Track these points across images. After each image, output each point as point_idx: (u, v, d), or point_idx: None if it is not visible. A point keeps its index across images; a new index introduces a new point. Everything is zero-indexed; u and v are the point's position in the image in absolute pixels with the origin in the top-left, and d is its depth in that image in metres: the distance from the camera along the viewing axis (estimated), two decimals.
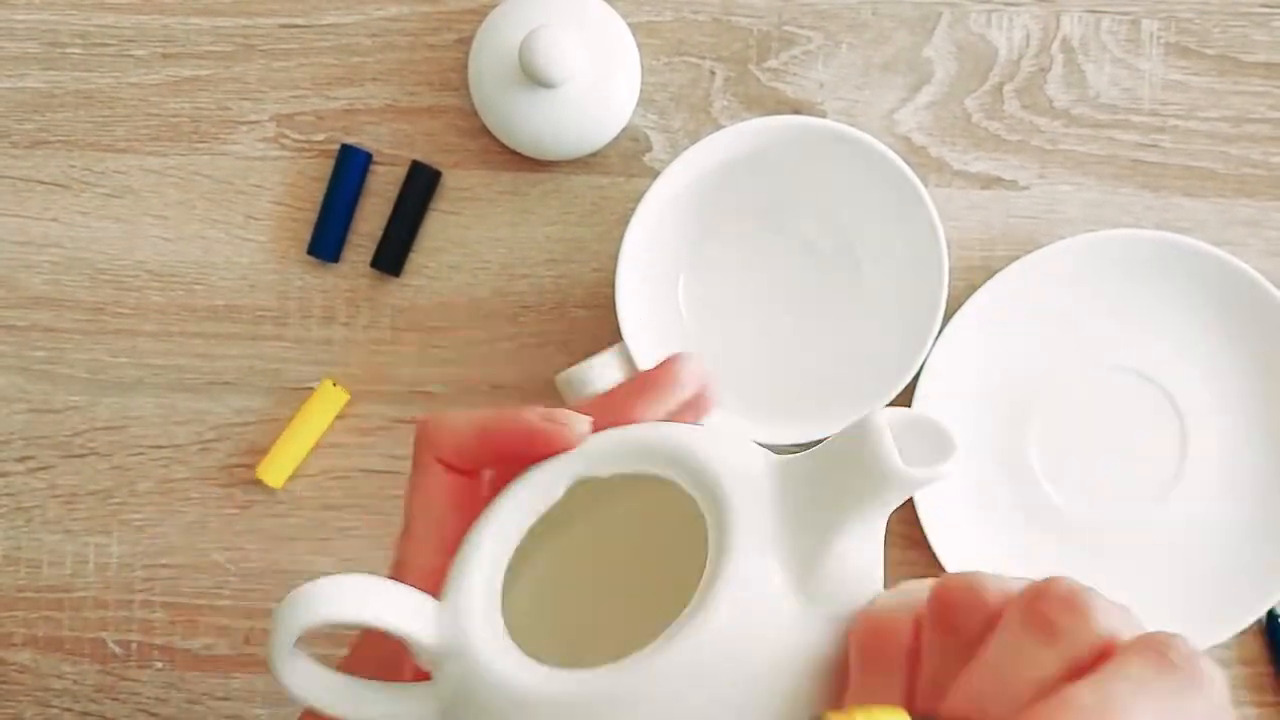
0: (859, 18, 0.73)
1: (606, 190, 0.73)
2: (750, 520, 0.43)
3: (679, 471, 0.45)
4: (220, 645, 0.74)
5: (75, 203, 0.74)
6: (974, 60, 0.73)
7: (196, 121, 0.74)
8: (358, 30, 0.73)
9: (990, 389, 0.73)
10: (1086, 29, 0.73)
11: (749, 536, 0.43)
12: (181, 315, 0.74)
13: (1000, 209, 0.73)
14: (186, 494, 0.74)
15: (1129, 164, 0.73)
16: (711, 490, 0.44)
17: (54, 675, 0.74)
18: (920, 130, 0.73)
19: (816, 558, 0.42)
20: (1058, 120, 0.73)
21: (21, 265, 0.74)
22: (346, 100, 0.73)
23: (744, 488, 0.44)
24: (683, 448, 0.45)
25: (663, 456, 0.45)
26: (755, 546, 0.42)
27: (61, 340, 0.74)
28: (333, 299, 0.74)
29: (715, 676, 0.41)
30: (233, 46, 0.73)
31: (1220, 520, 0.73)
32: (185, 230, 0.74)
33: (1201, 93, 0.73)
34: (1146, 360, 0.73)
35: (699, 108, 0.73)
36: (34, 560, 0.74)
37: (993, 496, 0.73)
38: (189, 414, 0.74)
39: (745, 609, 0.42)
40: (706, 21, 0.73)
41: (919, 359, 0.70)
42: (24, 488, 0.74)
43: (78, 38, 0.73)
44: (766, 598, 0.42)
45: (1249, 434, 0.73)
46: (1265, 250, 0.73)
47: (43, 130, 0.74)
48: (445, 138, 0.73)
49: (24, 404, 0.74)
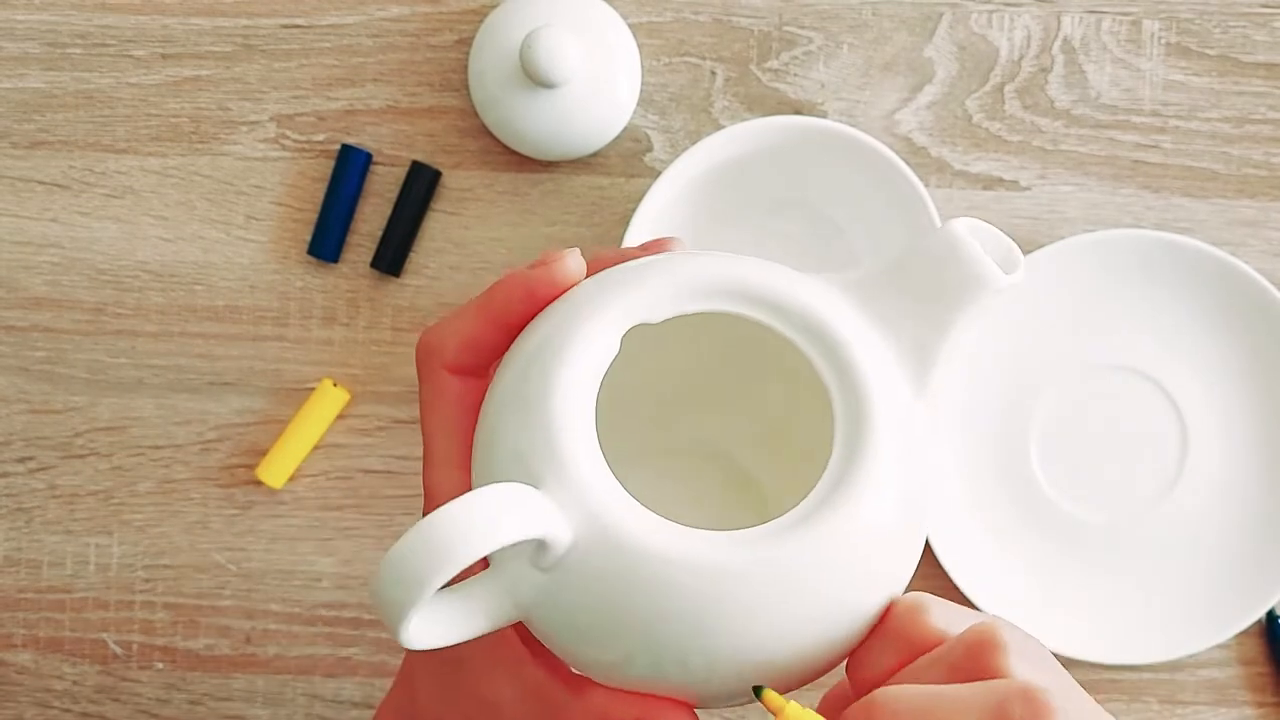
0: (860, 18, 0.73)
1: (607, 191, 0.73)
2: (869, 355, 0.42)
3: (762, 310, 0.43)
4: (221, 645, 0.74)
5: (75, 203, 0.74)
6: (975, 61, 0.73)
7: (197, 122, 0.74)
8: (358, 31, 0.73)
9: (990, 389, 0.73)
10: (1087, 29, 0.73)
11: (877, 374, 0.41)
12: (182, 316, 0.74)
13: (1001, 209, 0.73)
14: (187, 494, 0.74)
15: (1130, 164, 0.73)
16: (806, 322, 0.42)
17: (55, 676, 0.74)
18: (921, 131, 0.73)
19: (928, 372, 0.42)
20: (1058, 121, 0.73)
21: (21, 266, 0.74)
22: (347, 101, 0.73)
23: (842, 320, 0.42)
24: (755, 283, 0.43)
25: (735, 294, 0.43)
26: (887, 381, 0.42)
27: (61, 341, 0.74)
28: (333, 299, 0.74)
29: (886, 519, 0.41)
30: (233, 47, 0.73)
31: (1220, 520, 0.73)
32: (185, 231, 0.74)
33: (1202, 93, 0.73)
34: (1147, 360, 0.73)
35: (699, 108, 0.73)
36: (34, 561, 0.74)
37: (992, 496, 0.73)
38: (189, 414, 0.74)
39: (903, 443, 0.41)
40: (707, 22, 0.73)
41: None
42: (24, 488, 0.74)
43: (78, 38, 0.73)
44: (912, 422, 0.42)
45: (1249, 434, 0.73)
46: (1266, 251, 0.73)
47: (43, 130, 0.74)
48: (446, 138, 0.73)
49: (24, 404, 0.74)
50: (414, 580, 0.37)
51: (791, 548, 0.40)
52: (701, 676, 0.41)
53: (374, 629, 0.74)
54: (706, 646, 0.40)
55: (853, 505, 0.40)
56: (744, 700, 0.43)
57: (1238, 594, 0.72)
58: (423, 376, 0.46)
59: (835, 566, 0.40)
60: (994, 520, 0.73)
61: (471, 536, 0.37)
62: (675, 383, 0.52)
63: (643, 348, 0.48)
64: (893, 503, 0.41)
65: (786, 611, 0.40)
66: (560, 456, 0.40)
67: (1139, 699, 0.73)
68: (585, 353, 0.41)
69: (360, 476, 0.74)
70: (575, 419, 0.41)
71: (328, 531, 0.74)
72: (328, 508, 0.74)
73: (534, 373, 0.42)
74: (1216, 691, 0.73)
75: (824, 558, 0.40)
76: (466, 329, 0.45)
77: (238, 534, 0.74)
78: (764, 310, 0.42)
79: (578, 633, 0.41)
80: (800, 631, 0.41)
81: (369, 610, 0.74)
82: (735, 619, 0.40)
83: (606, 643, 0.41)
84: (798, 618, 0.40)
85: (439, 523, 0.38)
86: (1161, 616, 0.72)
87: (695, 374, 0.52)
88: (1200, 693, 0.73)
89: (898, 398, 0.42)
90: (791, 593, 0.40)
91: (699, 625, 0.40)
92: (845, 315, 0.42)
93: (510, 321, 0.44)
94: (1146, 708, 0.73)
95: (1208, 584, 0.73)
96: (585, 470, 0.40)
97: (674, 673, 0.41)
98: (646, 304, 0.42)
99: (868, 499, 0.40)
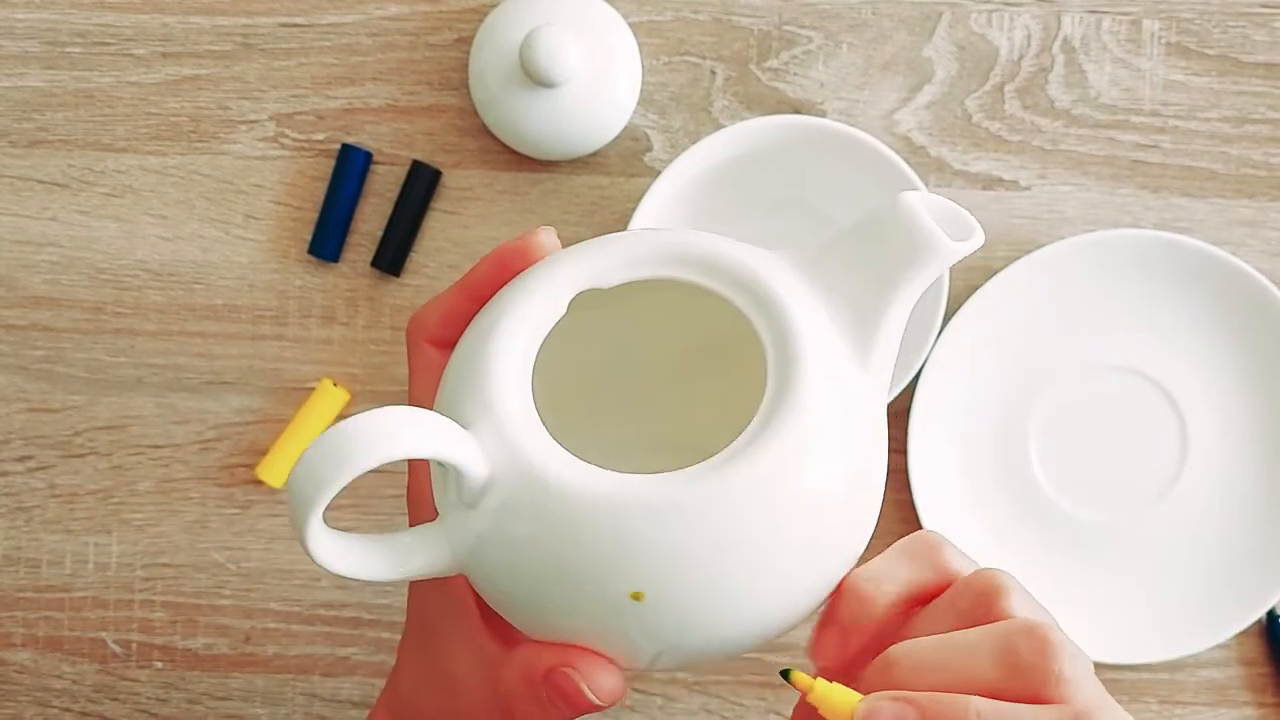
0: (859, 17, 0.73)
1: (607, 190, 0.73)
2: (803, 309, 0.42)
3: (703, 273, 0.44)
4: (220, 645, 0.74)
5: (74, 202, 0.74)
6: (974, 60, 0.73)
7: (196, 121, 0.74)
8: (358, 30, 0.73)
9: (990, 389, 0.73)
10: (1087, 29, 0.73)
11: (808, 324, 0.42)
12: (181, 315, 0.74)
13: (1000, 209, 0.73)
14: (186, 494, 0.74)
15: (1129, 164, 0.73)
16: (749, 287, 0.43)
17: (54, 675, 0.74)
18: (920, 130, 0.73)
19: (872, 337, 0.42)
20: (1058, 120, 0.73)
21: (20, 265, 0.74)
22: (346, 100, 0.73)
23: (777, 279, 0.43)
24: (697, 249, 0.44)
25: (679, 260, 0.44)
26: (818, 334, 0.42)
27: (61, 340, 0.74)
28: (333, 299, 0.74)
29: (813, 468, 0.41)
30: (232, 46, 0.73)
31: (1220, 520, 0.73)
32: (185, 230, 0.74)
33: (1202, 93, 0.73)
34: (1146, 360, 0.73)
35: (699, 107, 0.73)
36: (33, 560, 0.74)
37: (992, 496, 0.73)
38: (189, 413, 0.74)
39: (833, 396, 0.41)
40: (707, 21, 0.73)
41: (919, 359, 0.70)
42: (23, 487, 0.74)
43: (77, 37, 0.73)
44: (847, 381, 0.42)
45: (1249, 434, 0.73)
46: (1265, 251, 0.73)
47: (42, 129, 0.74)
48: (445, 137, 0.73)
49: (23, 403, 0.74)
50: (317, 481, 0.39)
51: (704, 491, 0.40)
52: (627, 627, 0.41)
53: (373, 629, 0.74)
54: (624, 588, 0.40)
55: (770, 454, 0.40)
56: (676, 668, 0.43)
57: (1237, 594, 0.72)
58: (409, 350, 0.49)
59: (751, 516, 0.40)
60: (994, 520, 0.73)
61: (373, 444, 0.39)
62: (654, 379, 0.53)
63: (621, 343, 0.50)
64: (822, 458, 0.41)
65: (700, 560, 0.40)
66: (486, 395, 0.42)
67: (1139, 699, 0.73)
68: (528, 309, 0.43)
69: (359, 477, 0.74)
70: (507, 364, 0.42)
71: None
72: (327, 507, 0.74)
73: (481, 326, 0.44)
74: (1216, 692, 0.73)
75: (740, 506, 0.40)
76: (446, 303, 0.48)
77: (237, 533, 0.74)
78: (703, 273, 0.44)
79: (507, 579, 0.42)
80: (718, 586, 0.41)
81: (368, 610, 0.74)
82: (651, 563, 0.40)
83: (534, 589, 0.41)
84: (713, 569, 0.40)
85: (341, 430, 0.40)
86: (1161, 616, 0.72)
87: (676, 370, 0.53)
88: (1200, 693, 0.73)
89: (831, 356, 0.42)
90: (705, 540, 0.40)
91: (615, 565, 0.40)
92: (785, 279, 0.43)
93: (482, 293, 0.47)
94: (1146, 708, 0.73)
95: (1207, 584, 0.73)
96: (508, 409, 0.41)
97: (601, 623, 0.41)
98: (595, 272, 0.44)
99: (788, 447, 0.40)
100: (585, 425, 0.50)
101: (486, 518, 0.41)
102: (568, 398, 0.50)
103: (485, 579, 0.43)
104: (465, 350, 0.44)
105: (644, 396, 0.53)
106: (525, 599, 0.42)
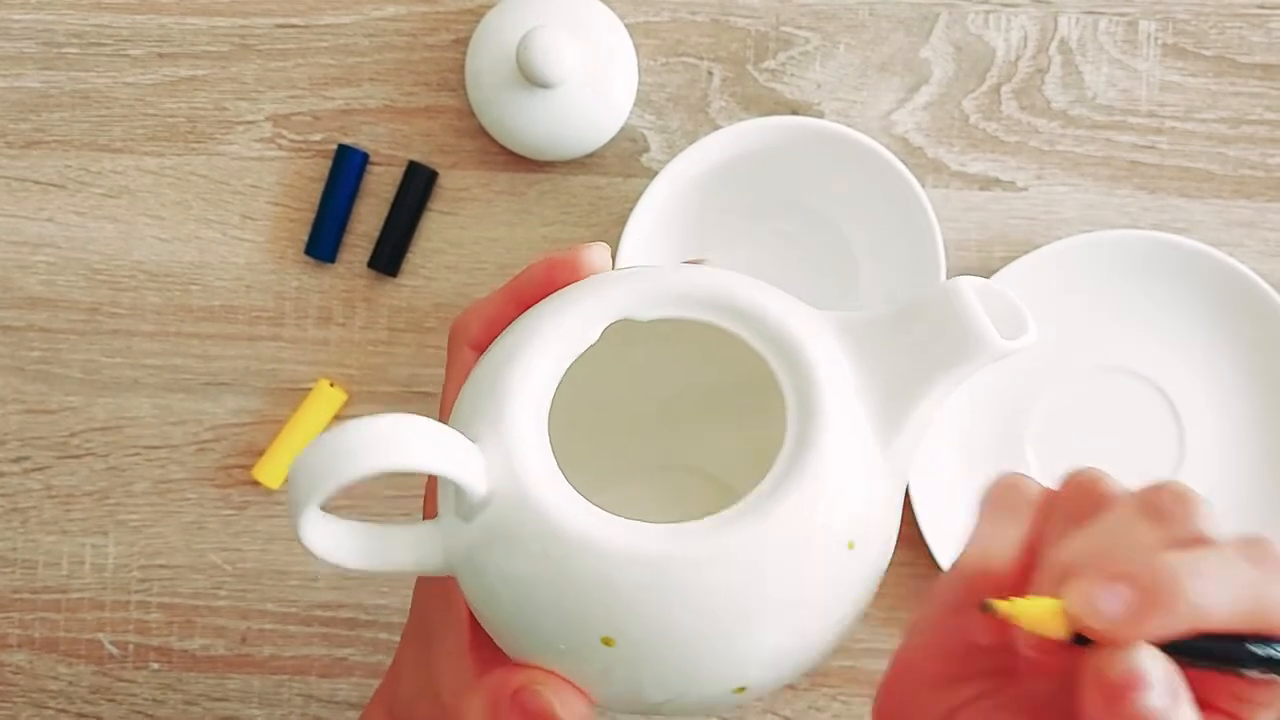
0: (856, 18, 0.73)
1: (604, 191, 0.73)
2: (832, 377, 0.41)
3: (738, 321, 0.43)
4: (217, 646, 0.74)
5: (71, 203, 0.74)
6: (971, 61, 0.73)
7: (193, 122, 0.74)
8: (355, 30, 0.73)
9: (987, 390, 0.73)
10: (1084, 30, 0.73)
11: (836, 394, 0.41)
12: (178, 315, 0.74)
13: (997, 210, 0.73)
14: (183, 494, 0.74)
15: (1126, 165, 0.73)
16: (782, 344, 0.42)
17: (50, 676, 0.74)
18: (917, 131, 0.73)
19: (900, 420, 0.41)
20: (1055, 121, 0.73)
21: (17, 265, 0.74)
22: (343, 100, 0.73)
23: (815, 343, 0.42)
24: (741, 297, 0.43)
25: (717, 305, 0.43)
26: (844, 404, 0.41)
27: (57, 341, 0.74)
28: (329, 299, 0.74)
29: (814, 538, 0.40)
30: (229, 47, 0.73)
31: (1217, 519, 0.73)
32: (181, 230, 0.74)
33: (1198, 94, 0.73)
34: (1143, 361, 0.73)
35: (696, 108, 0.73)
36: (29, 561, 0.74)
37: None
38: (185, 414, 0.74)
39: (846, 466, 0.40)
40: (704, 22, 0.73)
41: None
42: (19, 488, 0.74)
43: (74, 37, 0.73)
44: (864, 458, 0.41)
45: (1246, 434, 0.73)
46: (1262, 251, 0.73)
47: (39, 130, 0.74)
48: (442, 138, 0.73)
49: (19, 404, 0.74)
50: (316, 474, 0.39)
51: (694, 551, 0.39)
52: (598, 668, 0.41)
53: (370, 630, 0.74)
54: (597, 632, 0.40)
55: (769, 523, 0.39)
56: (650, 714, 0.43)
57: None
58: (450, 352, 0.48)
59: (736, 586, 0.39)
60: None
61: (376, 450, 0.39)
62: (671, 404, 0.53)
63: (642, 365, 0.49)
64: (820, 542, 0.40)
65: (675, 618, 0.40)
66: (500, 414, 0.41)
67: None
68: (559, 332, 0.42)
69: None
70: (529, 386, 0.42)
71: None
72: (324, 508, 0.74)
73: (510, 341, 0.43)
74: None
75: (732, 572, 0.39)
76: (490, 308, 0.47)
77: (234, 534, 0.74)
78: (738, 322, 0.43)
79: (489, 597, 0.42)
80: (691, 645, 0.40)
81: (365, 611, 0.74)
82: (627, 612, 0.40)
83: (514, 612, 0.41)
84: (687, 628, 0.40)
85: (350, 430, 0.39)
86: None
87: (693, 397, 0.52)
88: None
89: (853, 431, 0.41)
90: (682, 599, 0.39)
91: (591, 609, 0.40)
92: (822, 341, 0.42)
93: (527, 300, 0.46)
94: None
95: None
96: (519, 433, 0.41)
97: (574, 658, 0.41)
98: (633, 303, 0.43)
99: (788, 508, 0.39)
100: (596, 442, 0.50)
101: (479, 532, 0.41)
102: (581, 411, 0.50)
103: (470, 591, 0.43)
104: (491, 362, 0.43)
105: (660, 421, 0.53)
106: (505, 618, 0.42)
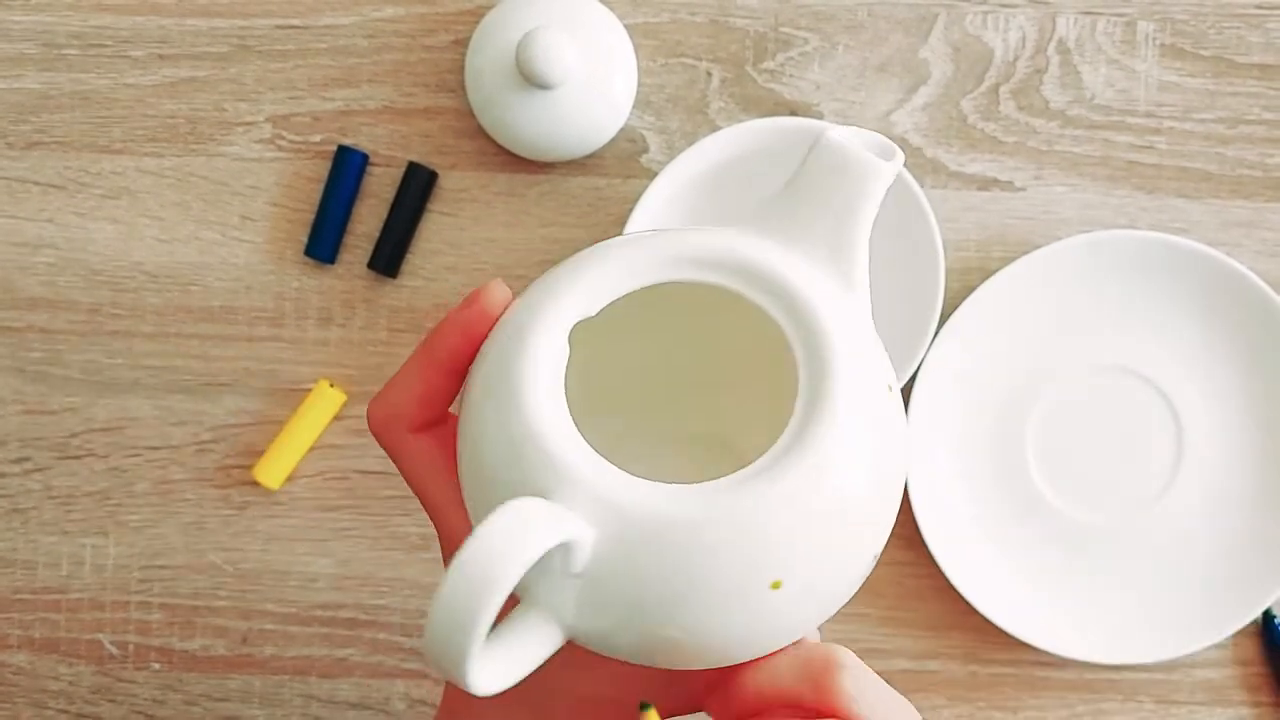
0: (855, 19, 0.73)
1: (603, 191, 0.73)
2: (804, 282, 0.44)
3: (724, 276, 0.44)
4: (217, 646, 0.74)
5: (71, 204, 0.74)
6: (970, 62, 0.73)
7: (193, 123, 0.74)
8: (354, 31, 0.73)
9: (986, 390, 0.73)
10: (1082, 30, 0.73)
11: (837, 329, 0.43)
12: (178, 316, 0.74)
13: (996, 210, 0.73)
14: (183, 495, 0.74)
15: (1124, 165, 0.73)
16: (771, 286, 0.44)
17: (50, 677, 0.74)
18: (916, 131, 0.73)
19: (850, 264, 0.45)
20: (1053, 121, 0.73)
21: (17, 267, 0.74)
22: (343, 101, 0.73)
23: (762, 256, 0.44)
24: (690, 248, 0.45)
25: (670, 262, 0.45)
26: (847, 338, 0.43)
27: (57, 341, 0.74)
28: (329, 300, 0.74)
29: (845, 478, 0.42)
30: (229, 48, 0.73)
31: (1216, 520, 0.73)
32: (181, 231, 0.74)
33: (1196, 94, 0.73)
34: (1142, 361, 0.73)
35: (695, 109, 0.73)
36: (30, 562, 0.74)
37: (988, 497, 0.73)
38: (185, 415, 0.74)
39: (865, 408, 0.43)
40: (703, 23, 0.73)
41: (915, 360, 0.71)
42: (20, 489, 0.74)
43: (74, 39, 0.73)
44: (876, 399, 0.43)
45: (1244, 433, 0.73)
46: (1260, 251, 0.73)
47: (39, 131, 0.74)
48: (442, 139, 0.73)
49: (20, 405, 0.74)
50: (465, 620, 0.37)
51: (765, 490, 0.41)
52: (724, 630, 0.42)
53: (370, 630, 0.74)
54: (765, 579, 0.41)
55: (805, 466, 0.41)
56: None
57: (1234, 594, 0.72)
58: (390, 448, 0.47)
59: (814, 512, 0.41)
60: (990, 520, 0.73)
61: (507, 557, 0.37)
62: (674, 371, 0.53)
63: (638, 338, 0.50)
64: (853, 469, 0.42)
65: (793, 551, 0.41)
66: (556, 465, 0.41)
67: (1134, 699, 0.73)
68: (537, 363, 0.42)
69: (356, 477, 0.74)
70: (553, 428, 0.41)
71: (324, 532, 0.74)
72: (324, 508, 0.74)
73: (497, 397, 0.42)
74: (1213, 692, 0.73)
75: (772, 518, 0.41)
76: (417, 387, 0.46)
77: (234, 534, 0.74)
78: (695, 269, 0.44)
79: (620, 621, 0.42)
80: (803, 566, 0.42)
81: (365, 611, 0.74)
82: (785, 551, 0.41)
83: (646, 617, 0.41)
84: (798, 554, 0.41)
85: (470, 557, 0.37)
86: (1157, 616, 0.72)
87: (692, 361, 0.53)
88: (1196, 693, 0.73)
89: (860, 367, 0.43)
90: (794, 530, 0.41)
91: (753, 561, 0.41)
92: (765, 250, 0.44)
93: (457, 365, 0.45)
94: (1141, 707, 0.73)
95: (1204, 584, 0.73)
96: (585, 469, 0.41)
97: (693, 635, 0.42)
98: (579, 302, 0.44)
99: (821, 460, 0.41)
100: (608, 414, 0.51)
101: (595, 572, 0.41)
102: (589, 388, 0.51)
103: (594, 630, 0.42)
104: (487, 426, 0.43)
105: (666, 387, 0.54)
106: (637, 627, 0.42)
